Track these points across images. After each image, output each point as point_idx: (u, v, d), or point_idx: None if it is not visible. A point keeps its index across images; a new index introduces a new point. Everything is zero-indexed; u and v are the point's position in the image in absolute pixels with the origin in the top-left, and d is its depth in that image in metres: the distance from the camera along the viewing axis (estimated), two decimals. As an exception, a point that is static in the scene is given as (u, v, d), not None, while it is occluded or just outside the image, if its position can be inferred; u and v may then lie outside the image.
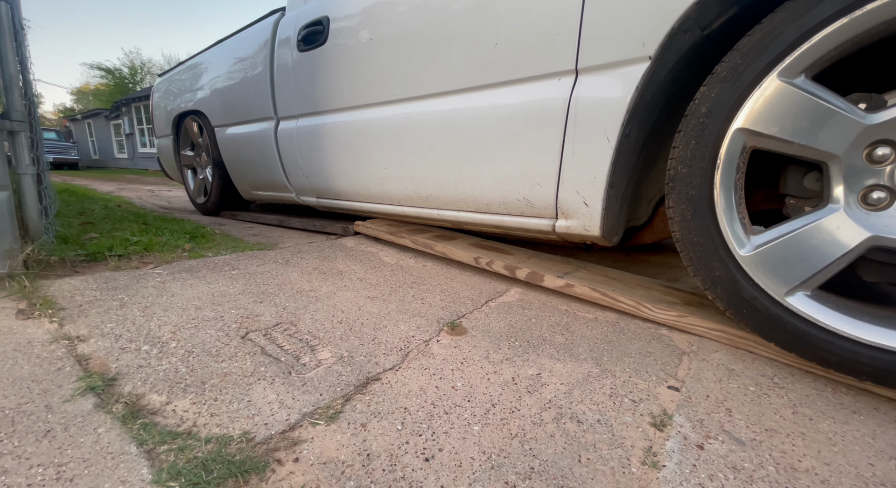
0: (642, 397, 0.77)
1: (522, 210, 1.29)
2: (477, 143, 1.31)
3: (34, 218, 1.26)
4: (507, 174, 1.27)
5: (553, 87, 1.11)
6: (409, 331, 1.03)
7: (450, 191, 1.45)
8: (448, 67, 1.34)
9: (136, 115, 15.91)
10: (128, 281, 1.22)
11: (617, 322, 1.13)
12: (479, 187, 1.36)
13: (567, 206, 1.17)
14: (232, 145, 2.45)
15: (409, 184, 1.59)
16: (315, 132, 1.89)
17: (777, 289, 0.83)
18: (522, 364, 0.89)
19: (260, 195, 2.53)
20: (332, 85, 1.75)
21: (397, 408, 0.72)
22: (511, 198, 1.29)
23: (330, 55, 1.73)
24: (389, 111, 1.56)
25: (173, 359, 0.82)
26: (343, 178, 1.87)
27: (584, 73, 1.06)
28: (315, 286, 1.31)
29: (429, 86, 1.42)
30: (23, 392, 0.68)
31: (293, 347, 0.91)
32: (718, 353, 0.96)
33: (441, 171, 1.45)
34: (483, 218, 1.42)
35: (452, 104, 1.36)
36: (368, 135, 1.67)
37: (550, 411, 0.72)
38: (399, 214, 1.77)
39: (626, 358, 0.93)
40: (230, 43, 2.42)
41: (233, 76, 2.34)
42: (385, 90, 1.55)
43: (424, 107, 1.45)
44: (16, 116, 1.18)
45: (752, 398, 0.79)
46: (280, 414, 0.68)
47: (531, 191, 1.23)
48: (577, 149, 1.09)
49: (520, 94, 1.19)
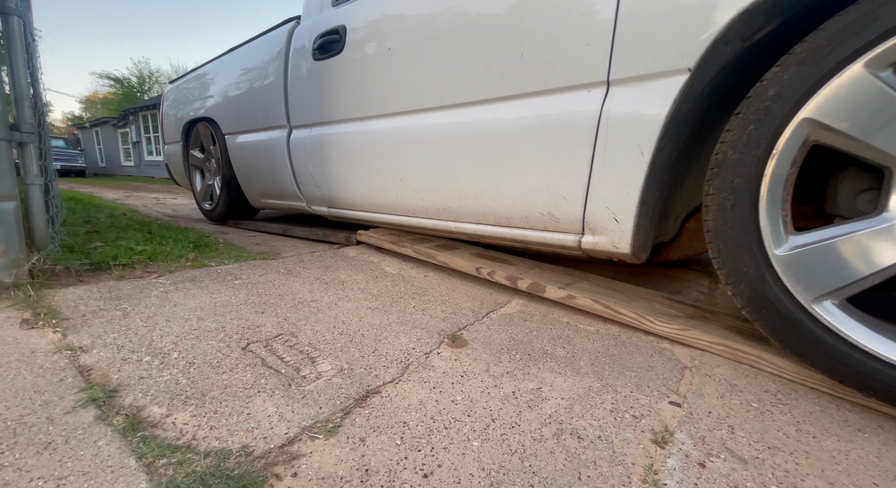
0: (644, 413, 0.77)
1: (546, 224, 1.25)
2: (500, 156, 1.29)
3: (41, 228, 1.28)
4: (530, 187, 1.24)
5: (582, 98, 1.08)
6: (409, 342, 1.03)
7: (469, 204, 1.43)
8: (471, 78, 1.32)
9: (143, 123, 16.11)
10: (131, 290, 1.23)
11: (619, 335, 1.13)
12: (500, 200, 1.33)
13: (595, 222, 1.13)
14: (242, 153, 2.44)
15: (426, 196, 1.56)
16: (329, 141, 1.88)
17: (805, 294, 0.81)
18: (523, 378, 0.88)
19: (269, 203, 2.51)
20: (349, 94, 1.74)
21: (396, 423, 0.71)
22: (534, 212, 1.25)
23: (346, 64, 1.72)
24: (407, 121, 1.55)
25: (174, 370, 0.83)
26: (357, 189, 1.85)
27: (617, 85, 1.03)
28: (317, 296, 1.31)
29: (450, 96, 1.40)
30: (25, 403, 0.68)
31: (293, 359, 0.91)
32: (721, 368, 0.96)
33: (460, 183, 1.42)
34: (503, 231, 1.39)
35: (474, 115, 1.34)
36: (385, 146, 1.65)
37: (551, 426, 0.72)
38: (414, 226, 1.74)
39: (627, 372, 0.92)
40: (243, 51, 2.42)
41: (245, 84, 2.33)
42: (403, 100, 1.54)
43: (444, 117, 1.42)
44: (26, 128, 1.20)
45: (754, 414, 0.78)
46: (279, 427, 0.68)
47: (556, 206, 1.19)
48: (609, 164, 1.06)
49: (546, 105, 1.16)
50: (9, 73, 1.21)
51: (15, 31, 1.18)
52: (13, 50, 1.19)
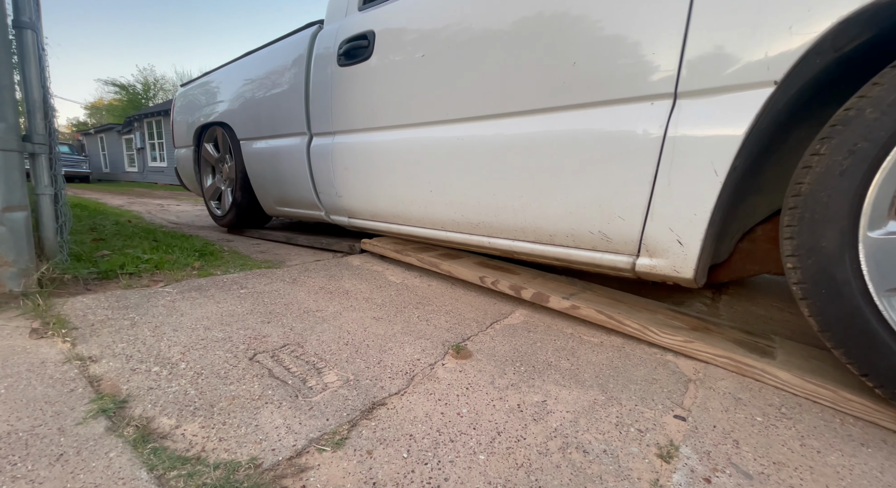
0: (648, 426, 0.77)
1: (595, 244, 1.18)
2: (546, 170, 1.22)
3: (50, 237, 1.29)
4: (579, 204, 1.16)
5: (644, 111, 1.02)
6: (414, 353, 1.04)
7: (506, 220, 1.36)
8: (515, 87, 1.26)
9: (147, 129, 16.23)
10: (139, 299, 1.24)
11: (623, 347, 1.13)
12: (543, 217, 1.26)
13: (655, 244, 1.06)
14: (258, 159, 2.38)
15: (459, 210, 1.50)
16: (354, 150, 1.82)
17: (880, 283, 0.76)
18: (528, 390, 0.89)
19: (285, 211, 2.45)
20: (377, 102, 1.68)
21: (403, 435, 0.72)
22: (582, 231, 1.18)
23: (375, 71, 1.66)
24: (441, 131, 1.49)
25: (183, 380, 0.83)
26: (382, 199, 1.79)
27: (687, 97, 0.96)
28: (321, 306, 1.32)
29: (490, 106, 1.33)
30: (36, 413, 0.69)
31: (300, 370, 0.92)
32: (725, 381, 0.96)
33: (498, 198, 1.36)
34: (543, 249, 1.32)
35: (519, 126, 1.27)
36: (415, 156, 1.59)
37: (556, 440, 0.72)
38: (442, 240, 1.67)
39: (631, 385, 0.93)
40: (261, 55, 2.37)
41: (263, 89, 2.28)
42: (438, 109, 1.48)
43: (484, 128, 1.36)
44: (37, 139, 1.22)
45: (759, 429, 0.79)
46: (287, 439, 0.68)
47: (609, 225, 1.12)
48: (675, 182, 0.99)
49: (602, 117, 1.10)
50: (22, 86, 1.23)
51: (29, 45, 1.21)
52: (27, 63, 1.21)
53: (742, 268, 1.26)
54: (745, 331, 1.17)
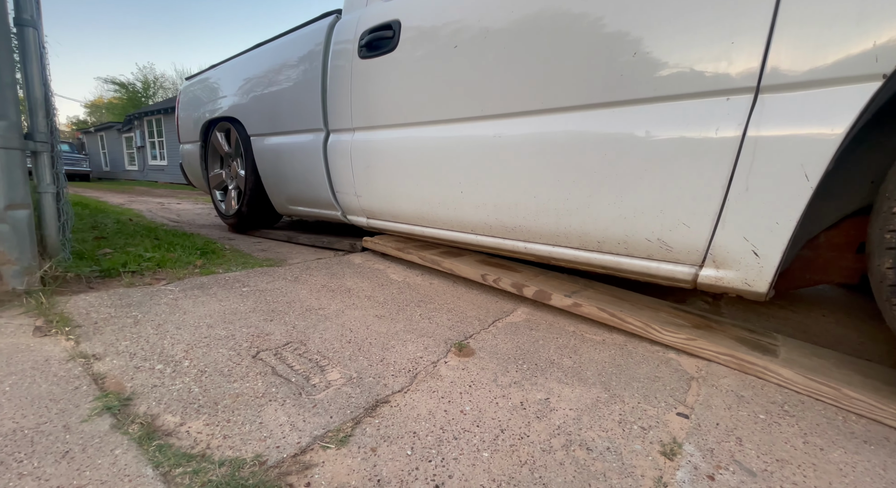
0: (651, 424, 0.77)
1: (651, 252, 1.09)
2: (598, 171, 1.12)
3: (52, 235, 1.30)
4: (636, 209, 1.07)
5: (719, 107, 0.92)
6: (416, 351, 1.04)
7: (548, 224, 1.27)
8: (563, 80, 1.15)
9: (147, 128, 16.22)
10: (141, 297, 1.25)
11: (625, 344, 1.13)
12: (590, 222, 1.17)
13: (725, 254, 0.97)
14: (270, 156, 2.28)
15: (493, 212, 1.41)
16: (375, 148, 1.73)
17: None
18: (531, 388, 0.89)
19: (298, 211, 2.37)
20: (402, 97, 1.58)
21: (406, 432, 0.72)
22: (638, 238, 1.09)
23: (400, 63, 1.56)
24: (476, 129, 1.38)
25: (186, 378, 0.84)
26: (406, 200, 1.70)
27: (772, 92, 0.85)
28: (324, 304, 1.32)
29: (534, 101, 1.22)
30: (41, 411, 0.69)
31: (303, 367, 0.92)
32: (727, 379, 0.96)
33: (540, 200, 1.26)
34: (589, 256, 1.23)
35: (567, 124, 1.16)
36: (444, 155, 1.49)
37: (560, 438, 0.72)
38: (471, 243, 1.58)
39: (634, 382, 0.93)
40: (274, 47, 2.25)
41: (276, 83, 2.17)
42: (473, 105, 1.37)
43: (526, 126, 1.25)
44: (39, 137, 1.22)
45: (762, 426, 0.79)
46: (291, 436, 0.69)
47: (671, 232, 1.03)
48: (754, 186, 0.89)
49: (667, 115, 0.99)
50: (23, 84, 1.23)
51: (30, 43, 1.21)
52: (28, 61, 1.21)
53: (801, 278, 1.17)
54: (748, 329, 1.18)
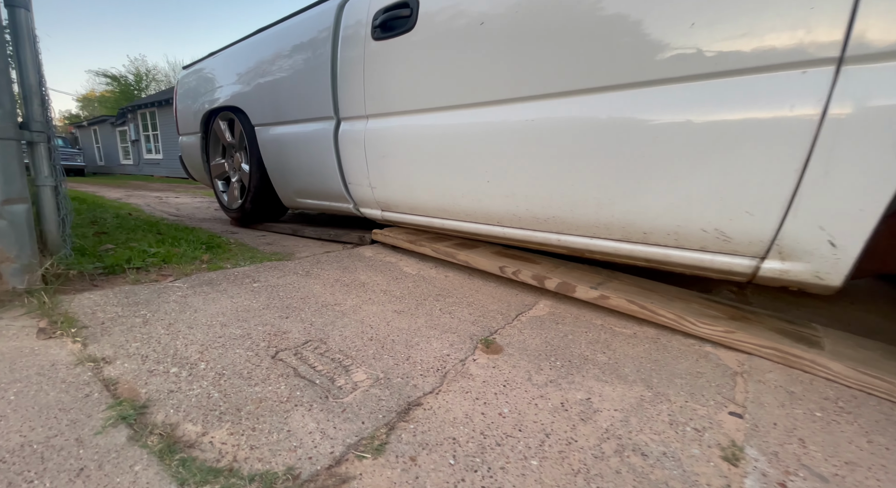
0: (705, 425, 0.72)
1: (706, 244, 1.01)
2: (648, 157, 1.02)
3: (52, 230, 1.23)
4: (691, 197, 0.98)
5: (794, 81, 0.82)
6: (442, 348, 0.99)
7: (586, 214, 1.18)
8: (607, 56, 1.05)
9: (141, 121, 15.99)
10: (148, 295, 1.19)
11: (657, 338, 1.08)
12: (637, 211, 1.08)
13: (794, 245, 0.89)
14: (276, 147, 2.17)
15: (523, 203, 1.32)
16: (392, 136, 1.63)
17: None
18: (569, 387, 0.84)
19: (306, 203, 2.26)
20: (422, 80, 1.48)
21: (445, 439, 0.67)
22: (692, 228, 1.01)
23: (420, 44, 1.45)
24: (505, 112, 1.28)
25: (204, 382, 0.78)
26: (425, 191, 1.60)
27: (858, 63, 0.76)
28: (339, 299, 1.27)
29: (571, 81, 1.12)
30: (51, 423, 0.64)
31: (326, 368, 0.87)
32: (773, 373, 0.91)
33: (578, 189, 1.17)
34: (632, 248, 1.15)
35: (612, 105, 1.07)
36: (470, 141, 1.39)
37: (610, 442, 0.67)
38: (497, 236, 1.49)
39: (676, 379, 0.88)
40: (278, 31, 2.12)
41: (281, 69, 2.05)
42: (501, 87, 1.27)
43: (563, 108, 1.16)
44: (35, 127, 1.15)
45: (821, 425, 0.74)
46: (323, 446, 0.63)
47: (732, 222, 0.95)
48: (835, 170, 0.81)
49: (731, 91, 0.90)
50: (17, 69, 1.15)
51: (22, 24, 1.13)
52: (21, 44, 1.13)
53: (862, 266, 1.10)
54: (786, 320, 1.13)
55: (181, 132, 3.08)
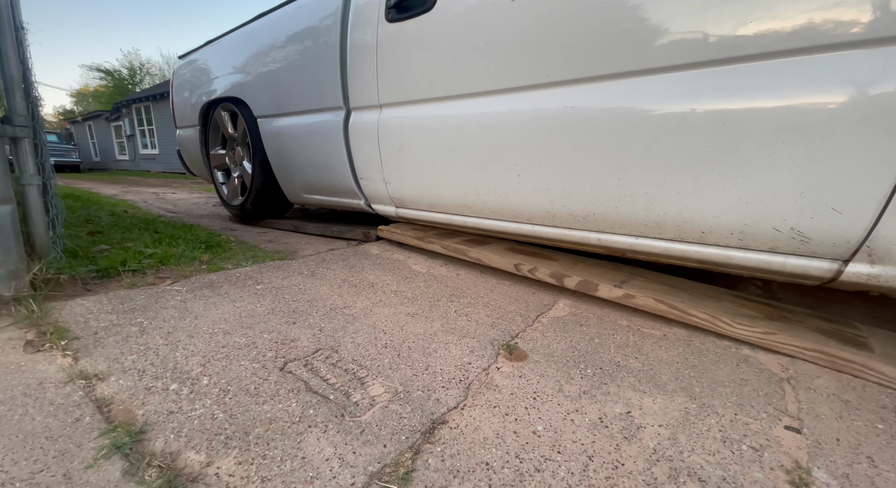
0: (762, 443, 0.66)
1: (777, 244, 0.91)
2: (711, 147, 0.92)
3: (41, 232, 1.15)
4: (763, 193, 0.89)
5: (891, 58, 0.72)
6: (462, 355, 0.92)
7: (633, 211, 1.08)
8: (662, 34, 0.93)
9: (136, 116, 15.78)
10: (145, 300, 1.11)
11: (690, 340, 1.02)
12: (696, 208, 0.98)
13: (889, 246, 0.80)
14: (281, 140, 2.05)
15: (559, 199, 1.21)
16: (409, 126, 1.52)
17: None
18: (604, 399, 0.77)
19: (313, 199, 2.14)
20: (443, 65, 1.36)
21: (478, 464, 0.60)
22: (761, 227, 0.91)
23: (440, 24, 1.34)
24: (540, 99, 1.17)
25: (207, 400, 0.71)
26: (446, 186, 1.49)
27: None
28: (348, 301, 1.19)
29: (622, 62, 1.01)
30: (36, 454, 0.57)
31: (339, 381, 0.80)
32: (821, 379, 0.85)
33: (624, 184, 1.07)
34: (685, 249, 1.05)
35: (666, 88, 0.96)
36: (498, 132, 1.28)
37: (661, 465, 0.61)
38: (526, 234, 1.38)
39: (720, 387, 0.81)
40: (280, 16, 1.99)
41: (284, 57, 1.93)
42: (536, 70, 1.15)
43: (607, 93, 1.05)
44: (18, 121, 1.07)
45: (886, 440, 0.67)
46: (343, 475, 0.57)
47: (813, 220, 0.85)
48: None
49: (817, 69, 0.79)
50: (-4, 60, 1.07)
51: (2, 12, 1.04)
52: (1, 32, 1.04)
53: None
54: (825, 318, 1.06)
55: (178, 125, 2.96)
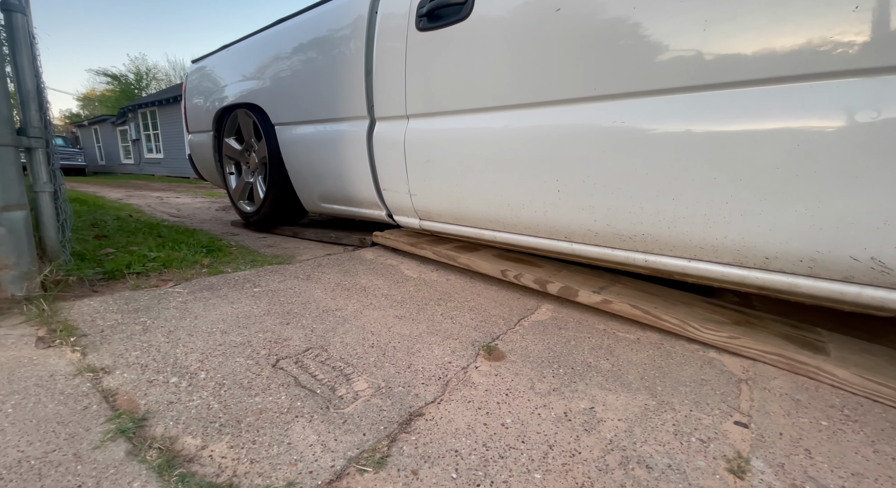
0: (710, 435, 0.72)
1: (853, 274, 0.84)
2: (784, 167, 0.85)
3: (52, 236, 1.22)
4: (842, 218, 0.81)
5: None
6: (444, 355, 0.98)
7: (688, 233, 1.01)
8: (730, 48, 0.88)
9: (142, 120, 15.97)
10: (149, 301, 1.18)
11: (661, 343, 1.08)
12: (761, 233, 0.91)
13: None
14: (299, 148, 2.03)
15: (603, 217, 1.14)
16: (439, 138, 1.48)
17: None
18: (572, 396, 0.83)
19: (331, 209, 2.12)
20: (478, 76, 1.33)
21: (448, 451, 0.66)
22: (836, 255, 0.84)
23: (476, 34, 1.30)
24: (584, 113, 1.12)
25: (204, 393, 0.78)
26: (476, 200, 1.44)
27: None
28: (340, 304, 1.26)
29: (677, 75, 0.95)
30: (48, 437, 0.63)
31: (327, 377, 0.86)
32: (778, 380, 0.90)
33: (680, 204, 1.00)
34: (744, 274, 0.98)
35: (730, 104, 0.90)
36: (538, 146, 1.23)
37: (614, 454, 0.67)
38: (563, 252, 1.32)
39: (681, 386, 0.87)
40: (302, 22, 1.96)
41: (305, 63, 1.91)
42: (580, 83, 1.11)
43: (657, 109, 1.00)
44: (33, 132, 1.14)
45: (827, 435, 0.73)
46: (324, 459, 0.63)
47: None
48: None
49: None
50: (13, 74, 1.14)
51: (19, 29, 1.12)
52: (18, 49, 1.12)
53: None
54: (791, 325, 1.12)
55: (190, 130, 2.94)
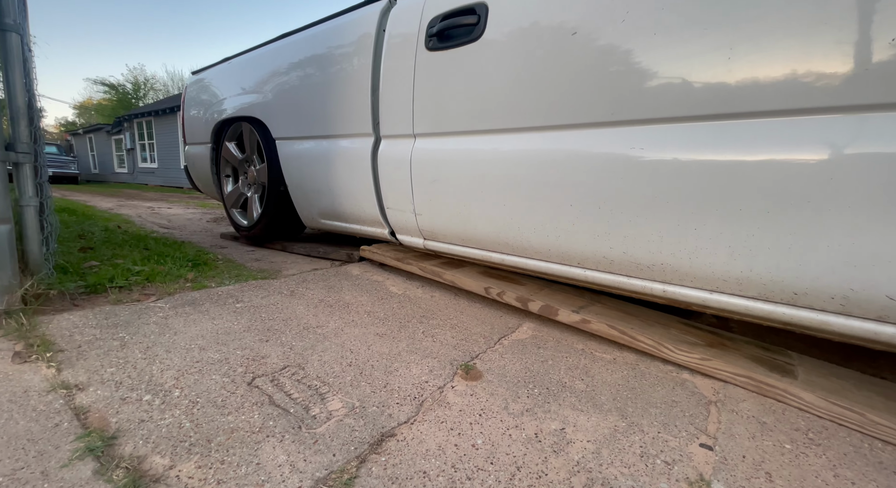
0: (675, 458, 0.73)
1: (889, 313, 0.79)
2: (810, 203, 0.82)
3: (35, 250, 1.23)
4: (878, 256, 0.77)
5: None
6: (421, 374, 0.99)
7: (710, 265, 0.97)
8: (761, 75, 0.84)
9: (137, 130, 16.00)
10: (129, 316, 1.18)
11: (637, 364, 1.09)
12: (787, 268, 0.87)
13: None
14: (301, 164, 2.02)
15: (619, 244, 1.10)
16: (446, 159, 1.46)
17: None
18: (544, 416, 0.84)
19: (331, 225, 2.10)
20: (489, 98, 1.31)
21: (416, 472, 0.67)
22: (871, 294, 0.80)
23: (487, 56, 1.29)
24: (600, 139, 1.10)
25: (177, 411, 0.78)
26: (484, 222, 1.41)
27: None
28: (322, 321, 1.27)
29: (704, 103, 0.92)
30: (18, 454, 0.63)
31: (302, 396, 0.87)
32: (747, 403, 0.92)
33: (703, 235, 0.96)
34: (769, 309, 0.93)
35: (758, 134, 0.87)
36: (552, 170, 1.20)
37: (580, 476, 0.68)
38: (573, 278, 1.28)
39: (651, 408, 0.89)
40: (308, 37, 1.96)
41: (310, 79, 1.91)
42: (597, 108, 1.08)
43: (680, 137, 0.97)
44: (21, 148, 1.16)
45: (789, 458, 0.75)
46: (291, 480, 0.63)
47: None
48: None
49: None
50: (5, 92, 1.16)
51: (13, 49, 1.14)
52: (10, 67, 1.14)
53: None
54: (762, 347, 1.14)
55: (188, 141, 2.93)
